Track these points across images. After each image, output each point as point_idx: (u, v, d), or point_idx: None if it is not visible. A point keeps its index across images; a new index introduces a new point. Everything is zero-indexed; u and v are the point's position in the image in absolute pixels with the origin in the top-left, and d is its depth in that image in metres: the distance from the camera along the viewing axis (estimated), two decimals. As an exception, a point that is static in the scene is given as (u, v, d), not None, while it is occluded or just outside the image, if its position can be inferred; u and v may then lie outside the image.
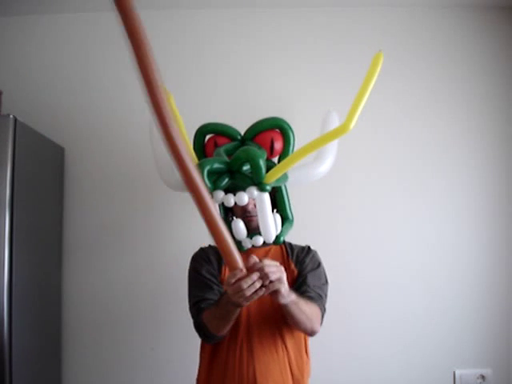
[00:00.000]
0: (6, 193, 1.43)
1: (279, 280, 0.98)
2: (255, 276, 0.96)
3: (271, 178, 1.32)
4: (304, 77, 1.97)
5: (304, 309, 1.13)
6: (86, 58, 1.99)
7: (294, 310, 1.10)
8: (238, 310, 1.10)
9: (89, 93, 1.97)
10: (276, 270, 0.98)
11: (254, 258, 0.99)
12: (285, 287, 1.00)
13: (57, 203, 1.88)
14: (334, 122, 1.58)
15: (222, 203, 1.38)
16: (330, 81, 1.96)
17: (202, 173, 1.28)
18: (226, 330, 1.18)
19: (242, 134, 1.51)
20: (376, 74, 1.28)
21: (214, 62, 1.98)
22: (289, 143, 1.47)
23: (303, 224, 1.76)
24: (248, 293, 0.96)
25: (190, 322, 1.31)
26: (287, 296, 1.03)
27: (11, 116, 1.48)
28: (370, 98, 1.91)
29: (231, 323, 1.16)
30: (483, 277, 1.90)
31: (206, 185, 0.89)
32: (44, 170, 1.77)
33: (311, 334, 1.24)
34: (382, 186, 1.93)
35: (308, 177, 1.50)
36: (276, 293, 1.00)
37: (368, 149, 1.94)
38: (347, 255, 1.88)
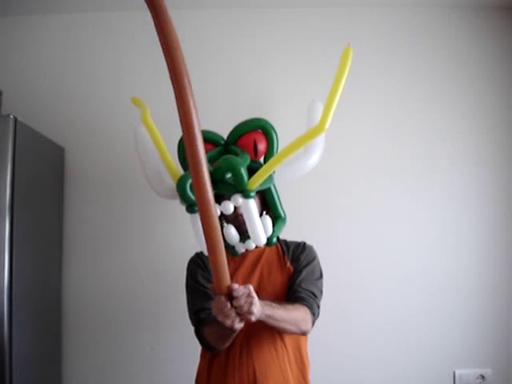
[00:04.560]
0: (6, 193, 1.43)
1: (248, 312, 0.97)
2: (228, 310, 0.96)
3: (254, 184, 1.31)
4: (304, 77, 1.96)
5: (284, 317, 1.13)
6: (87, 57, 1.99)
7: (272, 323, 1.10)
8: (236, 332, 1.08)
9: (89, 93, 1.97)
10: (244, 303, 0.96)
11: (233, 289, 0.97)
12: (254, 315, 0.99)
13: (57, 203, 1.88)
14: (320, 112, 1.58)
15: None
16: (329, 80, 1.96)
17: (184, 187, 1.27)
18: (227, 345, 1.20)
19: (226, 138, 1.49)
20: (346, 71, 1.27)
21: (213, 62, 1.98)
22: (272, 143, 1.45)
23: (302, 224, 1.77)
24: (225, 322, 0.97)
25: (190, 322, 1.32)
26: (259, 315, 1.02)
27: (11, 116, 1.47)
28: (370, 97, 1.94)
29: (231, 340, 1.17)
30: (483, 277, 1.90)
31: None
32: (44, 170, 1.77)
33: (302, 334, 1.25)
34: (382, 185, 1.93)
35: (297, 170, 1.48)
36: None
37: (368, 148, 1.94)
38: (347, 255, 1.88)
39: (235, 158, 1.31)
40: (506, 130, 1.97)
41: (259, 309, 1.01)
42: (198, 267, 1.35)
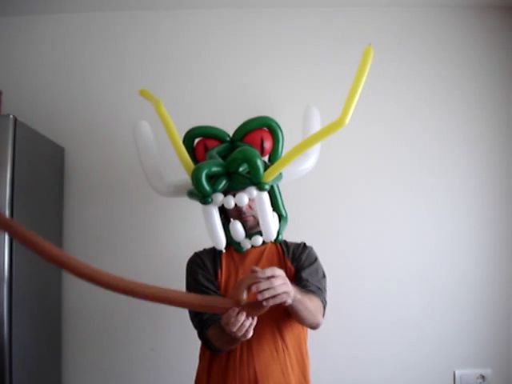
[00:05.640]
0: (6, 193, 1.43)
1: (286, 293, 0.97)
2: (241, 317, 0.96)
3: (269, 177, 1.31)
4: (304, 77, 1.97)
5: (308, 305, 1.13)
6: (86, 57, 1.99)
7: (299, 308, 1.09)
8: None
9: (89, 93, 1.97)
10: (282, 283, 0.96)
11: (257, 270, 0.97)
12: (291, 296, 0.98)
13: (57, 203, 1.88)
14: (315, 117, 1.59)
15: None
16: (329, 81, 1.96)
17: (199, 177, 1.27)
18: (234, 346, 1.20)
19: (231, 135, 1.49)
20: (367, 68, 1.27)
21: (213, 62, 1.98)
22: (278, 141, 1.46)
23: (303, 224, 1.77)
24: (239, 334, 0.96)
25: (190, 322, 1.32)
26: (292, 299, 1.02)
27: (11, 116, 1.47)
28: (371, 97, 1.94)
29: (240, 342, 1.15)
30: (483, 277, 1.90)
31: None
32: (44, 170, 1.77)
33: (315, 327, 1.23)
34: (382, 186, 1.93)
35: (294, 173, 1.48)
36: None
37: (368, 149, 1.94)
38: (347, 255, 1.88)
39: (251, 150, 1.30)
40: (506, 131, 1.97)
41: (292, 291, 0.99)
42: (198, 267, 1.35)
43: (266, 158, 1.49)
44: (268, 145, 1.45)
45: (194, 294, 0.98)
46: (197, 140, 1.50)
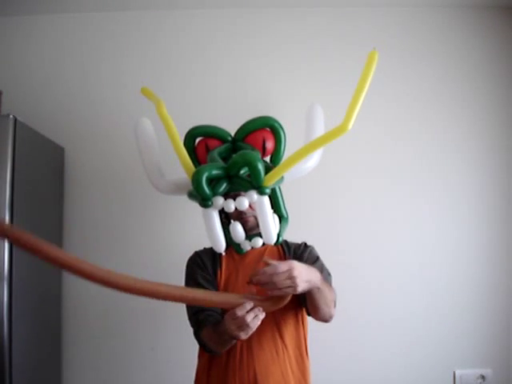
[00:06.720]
0: (5, 193, 1.43)
1: (291, 287, 1.00)
2: (257, 310, 1.01)
3: (270, 181, 1.30)
4: (304, 77, 1.97)
5: (326, 294, 1.14)
6: (86, 57, 1.99)
7: (317, 298, 1.11)
8: (235, 340, 1.10)
9: (89, 93, 1.97)
10: (284, 279, 0.98)
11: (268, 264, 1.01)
12: (296, 290, 1.01)
13: (56, 203, 1.88)
14: (319, 115, 1.59)
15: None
16: (330, 80, 1.96)
17: (200, 180, 1.26)
18: (226, 348, 1.20)
19: (233, 134, 1.49)
20: (371, 72, 1.26)
21: (213, 63, 1.98)
22: (280, 142, 1.45)
23: (303, 224, 1.76)
24: (253, 325, 1.00)
25: (189, 323, 1.31)
26: (310, 288, 1.04)
27: (11, 116, 1.47)
28: (371, 97, 1.92)
29: (229, 346, 1.18)
30: (483, 277, 1.90)
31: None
32: (44, 170, 1.77)
33: (328, 319, 1.23)
34: (382, 186, 1.93)
35: (296, 172, 1.47)
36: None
37: (368, 149, 1.94)
38: (347, 255, 1.88)
39: (253, 154, 1.29)
40: (506, 131, 1.96)
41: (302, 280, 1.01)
42: (198, 267, 1.35)
43: (267, 159, 1.49)
44: (270, 145, 1.45)
45: (212, 292, 1.06)
46: (198, 139, 1.50)
